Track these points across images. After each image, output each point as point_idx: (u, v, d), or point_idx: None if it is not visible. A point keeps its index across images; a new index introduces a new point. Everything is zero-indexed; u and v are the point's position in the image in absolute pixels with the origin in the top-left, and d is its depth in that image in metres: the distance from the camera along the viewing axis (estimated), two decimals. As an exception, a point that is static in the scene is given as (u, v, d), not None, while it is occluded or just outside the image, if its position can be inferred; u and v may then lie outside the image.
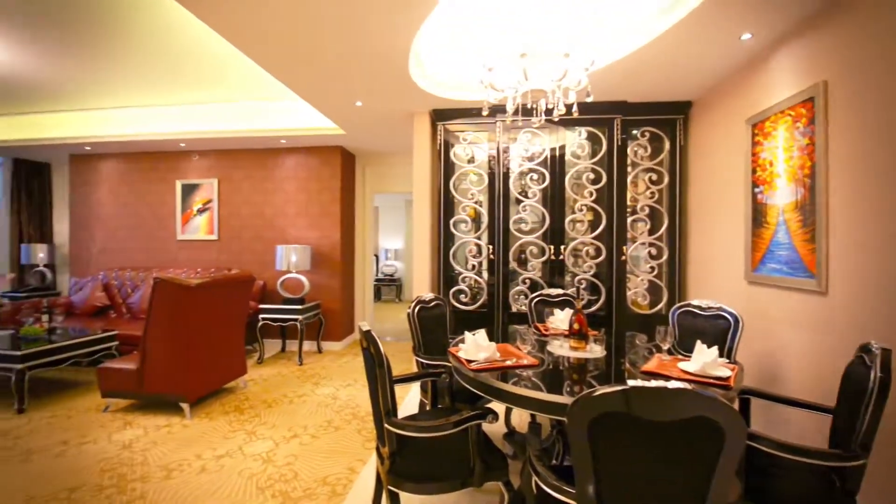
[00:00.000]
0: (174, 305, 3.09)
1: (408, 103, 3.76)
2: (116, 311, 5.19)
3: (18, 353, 3.29)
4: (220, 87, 4.36)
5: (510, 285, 3.82)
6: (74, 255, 6.03)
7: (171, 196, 5.67)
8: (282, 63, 3.01)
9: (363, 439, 2.86)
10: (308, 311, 4.87)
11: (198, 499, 2.18)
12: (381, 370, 1.54)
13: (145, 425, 3.05)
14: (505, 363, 1.85)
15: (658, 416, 0.97)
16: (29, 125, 5.32)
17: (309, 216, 5.37)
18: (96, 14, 2.97)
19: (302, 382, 4.02)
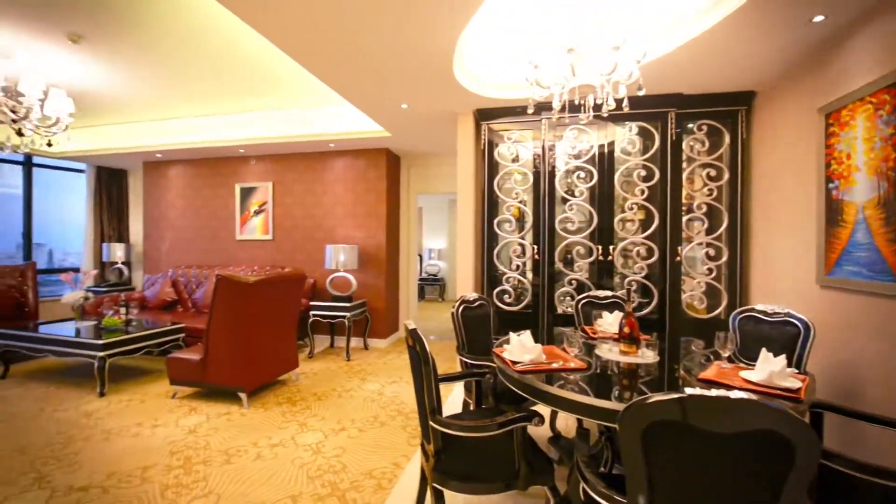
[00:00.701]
0: (234, 301, 3.29)
1: (452, 104, 3.78)
2: (183, 305, 5.61)
3: (100, 342, 3.65)
4: (275, 96, 4.59)
5: (555, 286, 3.74)
6: (147, 253, 6.60)
7: (231, 199, 6.05)
8: (331, 70, 3.13)
9: (408, 436, 2.91)
10: (355, 308, 5.02)
11: (254, 484, 2.31)
12: (427, 368, 1.57)
13: (208, 412, 3.28)
14: (551, 366, 1.81)
15: (718, 427, 0.91)
16: (108, 136, 5.87)
17: (356, 217, 5.54)
18: (167, 34, 3.23)
19: (349, 378, 4.15)
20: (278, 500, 2.17)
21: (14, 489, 2.25)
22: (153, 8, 2.89)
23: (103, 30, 3.20)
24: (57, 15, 2.99)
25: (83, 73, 3.98)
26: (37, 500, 2.15)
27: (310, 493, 2.22)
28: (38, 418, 3.15)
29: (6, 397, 3.56)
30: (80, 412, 3.27)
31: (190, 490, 2.25)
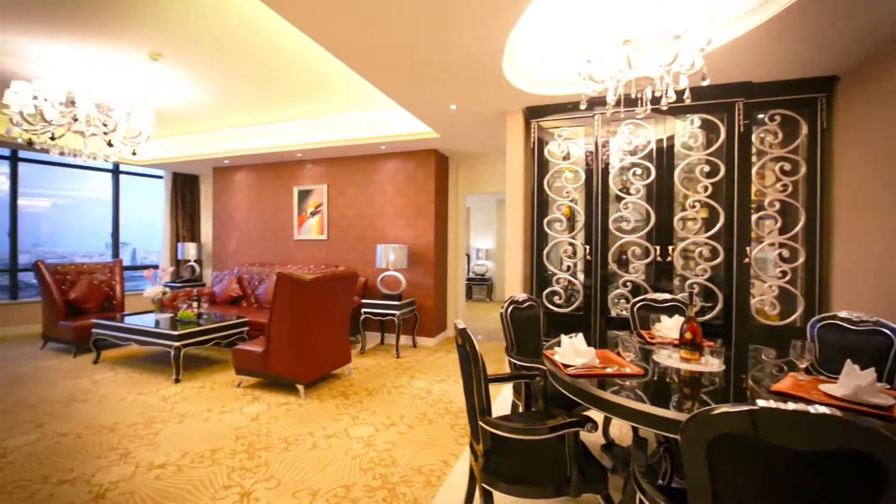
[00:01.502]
0: (293, 297, 3.48)
1: (501, 103, 3.76)
2: (247, 300, 6.00)
3: (176, 333, 3.99)
4: (330, 102, 4.79)
5: (609, 288, 3.61)
6: (215, 252, 7.13)
7: (290, 201, 6.39)
8: (382, 75, 3.21)
9: (456, 434, 2.93)
10: (404, 307, 5.13)
11: (311, 472, 2.43)
12: (476, 368, 1.57)
13: (269, 401, 3.48)
14: (605, 370, 1.75)
15: (794, 443, 0.84)
16: (183, 144, 6.41)
17: (405, 217, 5.65)
18: (235, 49, 3.46)
19: (399, 374, 4.25)
20: (333, 488, 2.26)
21: (105, 462, 2.51)
22: (225, 26, 3.12)
23: (181, 48, 3.50)
24: (140, 35, 3.31)
25: (163, 88, 4.37)
26: (123, 474, 2.39)
27: (362, 485, 2.30)
28: (125, 400, 3.50)
29: (99, 381, 4.00)
30: (159, 396, 3.60)
31: (253, 474, 2.40)
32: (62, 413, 3.23)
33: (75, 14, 2.99)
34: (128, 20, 3.07)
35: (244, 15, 2.97)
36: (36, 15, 3.02)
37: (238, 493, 2.22)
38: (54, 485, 2.28)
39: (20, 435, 2.85)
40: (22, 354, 4.89)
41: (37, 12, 2.98)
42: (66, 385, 3.85)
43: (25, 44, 3.44)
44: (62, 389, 3.74)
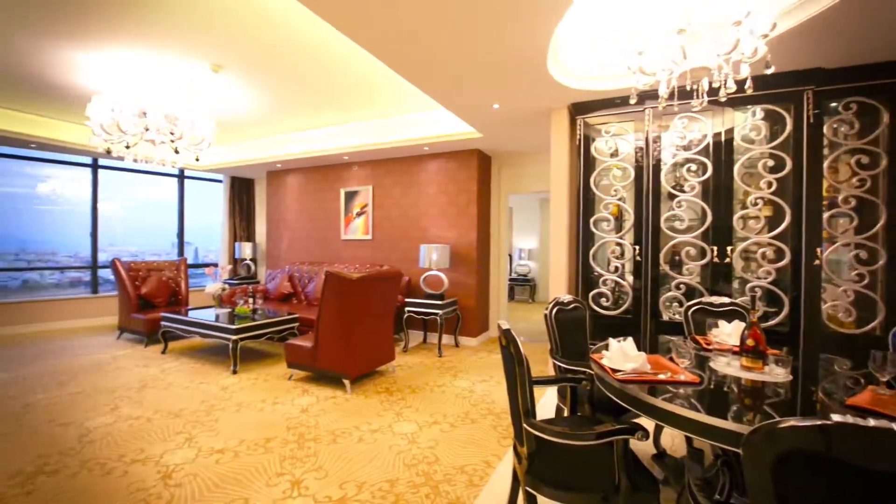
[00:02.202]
0: (340, 295, 3.60)
1: (545, 100, 3.69)
2: (297, 297, 6.28)
3: (234, 327, 4.25)
4: (375, 105, 4.91)
5: (660, 290, 3.44)
6: (269, 251, 7.52)
7: (337, 202, 6.61)
8: (425, 76, 3.25)
9: (498, 436, 2.91)
10: (447, 306, 5.16)
11: (357, 464, 2.50)
12: (521, 369, 1.55)
13: (317, 395, 3.63)
14: (657, 377, 1.67)
15: (874, 463, 0.77)
16: (240, 150, 6.81)
17: (448, 217, 5.68)
18: (288, 59, 3.63)
19: (441, 373, 4.28)
20: (378, 482, 2.32)
21: (171, 445, 2.72)
22: (278, 39, 3.28)
23: (240, 60, 3.72)
24: (205, 49, 3.54)
25: (223, 97, 4.66)
26: (187, 456, 2.58)
27: (406, 480, 2.34)
28: (188, 388, 3.77)
29: (167, 369, 4.33)
30: (219, 386, 3.84)
31: (303, 463, 2.51)
32: (135, 398, 3.53)
33: (151, 31, 3.26)
34: (194, 36, 3.30)
35: (294, 27, 3.11)
36: (113, 33, 3.31)
37: (289, 480, 2.33)
38: (128, 463, 2.50)
39: (99, 416, 3.15)
40: (101, 343, 5.40)
41: (114, 31, 3.27)
42: (138, 372, 4.21)
43: (102, 58, 3.78)
44: (135, 376, 4.09)
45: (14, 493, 2.19)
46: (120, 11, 2.97)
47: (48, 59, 3.74)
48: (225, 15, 3.00)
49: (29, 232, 6.54)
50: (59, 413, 3.21)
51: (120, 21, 3.10)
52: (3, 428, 2.95)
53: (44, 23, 3.13)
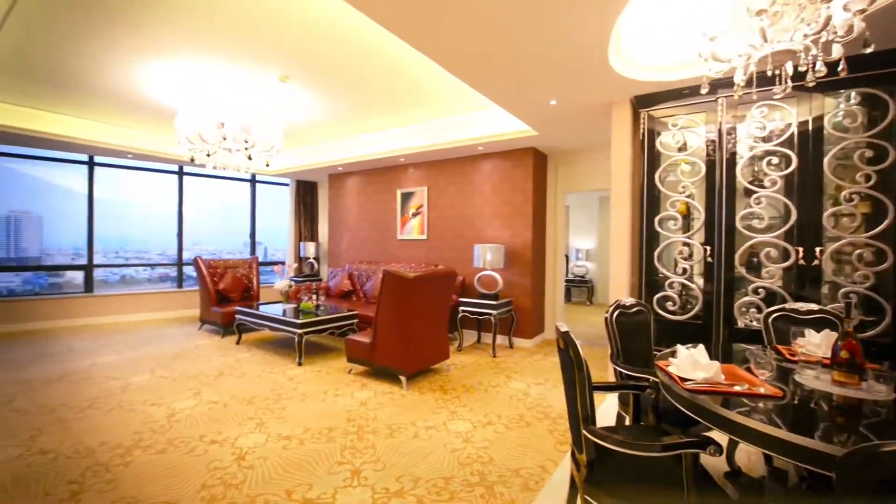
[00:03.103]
0: (397, 294, 3.70)
1: (606, 94, 3.55)
2: (356, 295, 6.53)
3: (299, 321, 4.51)
4: (430, 107, 4.99)
5: (735, 295, 3.18)
6: (330, 250, 7.89)
7: (393, 203, 6.80)
8: (480, 74, 3.25)
9: (555, 441, 2.84)
10: (501, 307, 5.12)
11: (412, 459, 2.56)
12: (581, 374, 1.51)
13: (375, 389, 3.75)
14: (732, 388, 1.55)
15: None
16: (305, 155, 7.20)
17: (502, 217, 5.63)
18: (350, 67, 3.79)
19: (496, 374, 4.26)
20: (433, 478, 2.36)
21: (244, 429, 2.95)
22: (340, 49, 3.44)
23: (305, 69, 3.94)
24: (274, 60, 3.79)
25: (290, 106, 4.96)
26: (258, 440, 2.78)
27: (460, 478, 2.36)
28: (260, 377, 4.06)
29: (241, 359, 4.69)
30: (286, 376, 4.10)
31: (362, 454, 2.61)
32: (213, 384, 3.86)
33: (225, 46, 3.55)
34: (264, 49, 3.54)
35: (352, 35, 3.24)
36: (192, 49, 3.64)
37: (350, 470, 2.43)
38: (207, 443, 2.74)
39: (184, 399, 3.48)
40: (185, 333, 5.96)
41: (193, 47, 3.60)
42: (216, 361, 4.60)
43: (182, 73, 4.17)
44: (213, 364, 4.47)
45: (116, 463, 2.48)
46: (199, 28, 3.26)
47: (139, 76, 4.19)
48: (292, 28, 3.19)
49: (127, 233, 7.38)
50: (151, 394, 3.59)
51: (198, 37, 3.40)
52: (109, 405, 3.35)
53: (134, 43, 3.51)
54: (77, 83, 4.31)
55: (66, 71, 4.01)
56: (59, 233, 6.78)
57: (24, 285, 6.60)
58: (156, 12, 2.99)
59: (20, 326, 6.00)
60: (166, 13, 3.00)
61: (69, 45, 3.49)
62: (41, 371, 4.17)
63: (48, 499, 2.13)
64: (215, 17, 3.05)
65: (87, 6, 2.93)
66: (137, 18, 3.07)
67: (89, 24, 3.17)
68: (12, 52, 3.61)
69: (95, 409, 3.26)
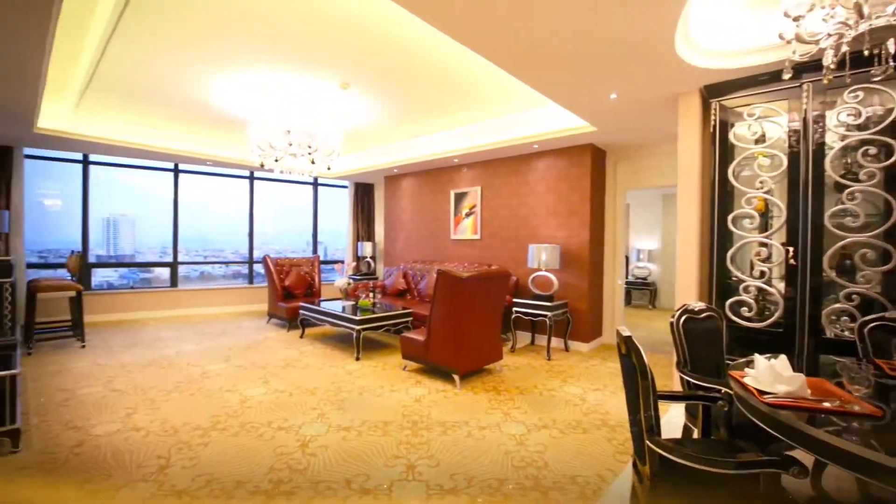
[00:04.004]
0: (451, 293, 3.73)
1: (672, 85, 3.34)
2: (410, 293, 6.67)
3: (357, 318, 4.69)
4: (484, 106, 4.97)
5: (822, 301, 2.87)
6: (386, 250, 8.13)
7: (447, 203, 6.86)
8: (536, 71, 3.19)
9: (613, 449, 2.72)
10: (556, 308, 5.00)
11: (466, 458, 2.57)
12: (644, 381, 1.43)
13: (429, 386, 3.81)
14: (821, 404, 1.40)
15: None
16: (362, 158, 7.47)
17: (558, 216, 5.49)
18: (406, 71, 3.88)
19: (550, 377, 4.16)
20: (486, 479, 2.35)
21: (306, 419, 3.12)
22: (396, 53, 3.53)
23: (363, 76, 4.09)
24: (334, 69, 3.97)
25: (350, 111, 5.17)
26: (319, 429, 2.93)
27: (514, 481, 2.34)
28: (321, 370, 4.28)
29: (304, 352, 4.97)
30: (345, 370, 4.28)
31: (417, 450, 2.67)
32: (280, 374, 4.12)
33: (290, 55, 3.77)
34: (325, 58, 3.72)
35: (408, 39, 3.30)
36: (259, 61, 3.90)
37: (405, 464, 2.49)
38: (275, 429, 2.93)
39: (254, 387, 3.75)
40: (255, 326, 6.41)
41: (260, 58, 3.85)
42: (282, 353, 4.91)
43: (251, 83, 4.48)
44: (280, 356, 4.77)
45: (196, 443, 2.72)
46: (269, 41, 3.48)
47: (216, 89, 4.55)
48: (352, 36, 3.32)
49: (205, 233, 8.08)
50: (226, 381, 3.90)
51: (268, 50, 3.63)
52: (190, 389, 3.69)
53: (212, 59, 3.82)
54: (163, 98, 4.78)
55: (155, 87, 4.46)
56: (149, 233, 7.58)
57: (121, 280, 7.44)
58: (231, 31, 3.24)
59: (118, 316, 6.78)
60: (241, 31, 3.24)
61: (157, 64, 3.87)
62: (135, 356, 4.68)
63: (140, 470, 2.39)
64: (283, 31, 3.25)
65: (173, 30, 3.24)
66: (215, 36, 3.35)
67: (173, 44, 3.50)
68: (111, 72, 4.07)
69: (179, 393, 3.60)
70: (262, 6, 2.92)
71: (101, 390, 3.63)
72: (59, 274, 6.31)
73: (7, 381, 2.59)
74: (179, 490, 2.21)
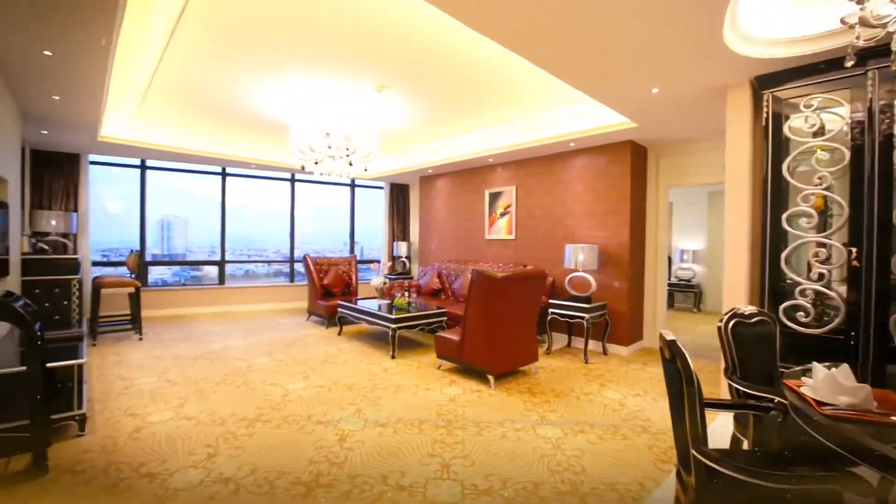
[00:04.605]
0: (485, 293, 3.72)
1: (719, 76, 3.18)
2: (445, 293, 6.70)
3: (393, 316, 4.76)
4: (519, 106, 4.91)
5: (890, 306, 2.64)
6: (420, 249, 8.21)
7: (481, 203, 6.84)
8: (573, 68, 3.12)
9: (654, 458, 2.63)
10: (594, 310, 4.87)
11: (501, 460, 2.55)
12: (690, 388, 1.37)
13: (464, 386, 3.82)
14: (888, 418, 1.29)
15: None
16: (398, 159, 7.57)
17: (596, 215, 5.35)
18: (440, 73, 3.91)
19: (588, 381, 4.06)
20: (521, 481, 2.33)
21: (344, 413, 3.20)
22: (431, 54, 3.56)
23: (399, 79, 4.15)
24: (370, 72, 4.05)
25: (385, 114, 5.26)
26: (356, 424, 2.99)
27: (550, 485, 2.30)
28: (358, 366, 4.38)
29: (341, 349, 5.10)
30: (380, 367, 4.36)
31: (451, 449, 2.68)
32: (319, 370, 4.25)
33: (327, 60, 3.88)
34: (362, 62, 3.80)
35: (443, 40, 3.32)
36: (299, 66, 4.04)
37: (439, 463, 2.51)
38: (314, 423, 3.02)
39: (295, 382, 3.89)
40: (296, 323, 6.65)
41: (300, 62, 3.98)
42: (321, 349, 5.06)
43: (292, 88, 4.63)
44: (319, 352, 4.92)
45: (241, 433, 2.86)
46: (309, 47, 3.60)
47: (259, 95, 4.75)
48: (388, 40, 3.37)
49: (249, 233, 8.45)
50: (269, 375, 4.07)
51: (308, 56, 3.75)
52: (237, 382, 3.88)
53: (255, 66, 3.99)
54: (212, 106, 5.03)
55: (205, 96, 4.71)
56: (198, 233, 8.03)
57: (174, 277, 7.93)
58: (275, 41, 3.37)
59: (171, 311, 7.21)
60: (284, 41, 3.37)
61: (207, 74, 4.09)
62: (186, 349, 4.97)
63: (190, 457, 2.53)
64: (323, 38, 3.35)
65: (221, 41, 3.41)
66: (260, 46, 3.50)
67: (222, 55, 3.69)
68: (165, 83, 4.34)
69: (227, 385, 3.79)
70: (303, 17, 3.02)
71: (157, 381, 3.88)
72: (119, 272, 6.80)
73: (75, 369, 2.82)
74: (227, 478, 2.33)
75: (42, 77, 3.42)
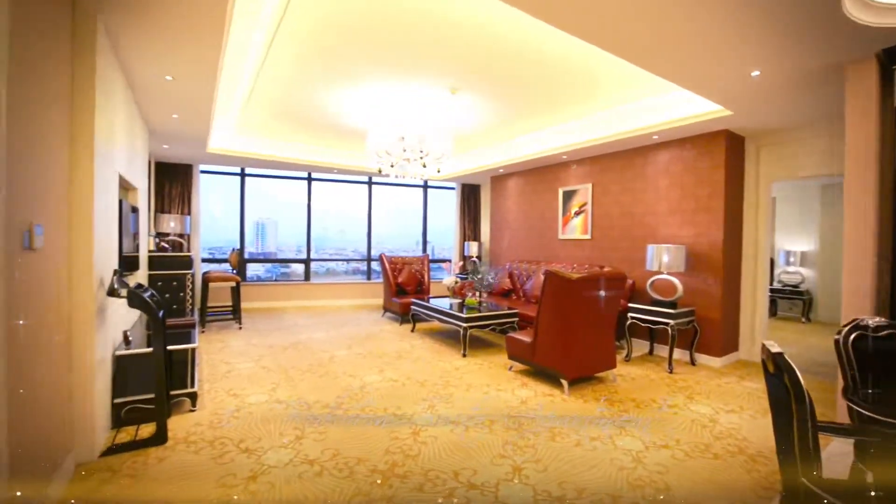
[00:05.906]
0: (559, 294, 3.61)
1: (836, 52, 2.77)
2: (516, 294, 6.62)
3: (464, 316, 4.81)
4: (596, 99, 4.70)
5: None
6: (492, 249, 8.19)
7: (555, 202, 6.65)
8: (664, 59, 2.91)
9: (753, 482, 2.36)
10: (680, 316, 4.50)
11: (575, 468, 2.47)
12: (800, 407, 1.22)
13: (535, 389, 3.74)
14: None
15: None
16: (470, 159, 7.62)
17: (682, 213, 4.94)
18: (512, 71, 3.87)
19: (672, 392, 3.77)
20: (598, 493, 2.23)
21: (418, 408, 3.29)
22: (504, 52, 3.53)
23: (472, 79, 4.18)
24: (444, 74, 4.12)
25: (457, 115, 5.32)
26: (429, 420, 3.07)
27: (630, 500, 2.17)
28: (430, 363, 4.48)
29: (414, 345, 5.26)
30: (452, 365, 4.42)
31: (523, 452, 2.64)
32: (393, 364, 4.42)
33: (402, 65, 4.02)
34: (437, 66, 3.89)
35: (514, 36, 3.27)
36: (381, 74, 4.22)
37: (510, 465, 2.49)
38: (390, 415, 3.16)
39: (372, 374, 4.09)
40: (372, 319, 6.98)
41: (382, 72, 4.16)
42: (395, 344, 5.26)
43: (368, 94, 4.86)
44: (393, 347, 5.13)
45: (324, 419, 3.07)
46: (385, 53, 3.75)
47: (340, 104, 5.06)
48: (462, 43, 3.41)
49: (330, 233, 9.05)
50: (349, 367, 4.32)
51: (383, 61, 3.92)
52: (320, 371, 4.18)
53: (336, 77, 4.25)
54: (300, 116, 5.46)
55: (294, 107, 5.13)
56: (286, 233, 8.77)
57: (266, 273, 8.75)
58: (353, 50, 3.58)
59: (264, 304, 7.95)
60: (361, 50, 3.56)
61: (296, 87, 4.45)
62: (278, 339, 5.45)
63: (281, 438, 2.77)
64: (399, 44, 3.48)
65: (309, 56, 3.69)
66: (341, 53, 3.73)
67: (309, 68, 3.99)
68: (261, 97, 4.79)
69: (312, 374, 4.10)
70: (386, 25, 3.17)
71: (253, 366, 4.31)
72: (222, 268, 7.65)
73: (189, 353, 3.23)
74: (312, 459, 2.52)
75: (164, 99, 3.97)
